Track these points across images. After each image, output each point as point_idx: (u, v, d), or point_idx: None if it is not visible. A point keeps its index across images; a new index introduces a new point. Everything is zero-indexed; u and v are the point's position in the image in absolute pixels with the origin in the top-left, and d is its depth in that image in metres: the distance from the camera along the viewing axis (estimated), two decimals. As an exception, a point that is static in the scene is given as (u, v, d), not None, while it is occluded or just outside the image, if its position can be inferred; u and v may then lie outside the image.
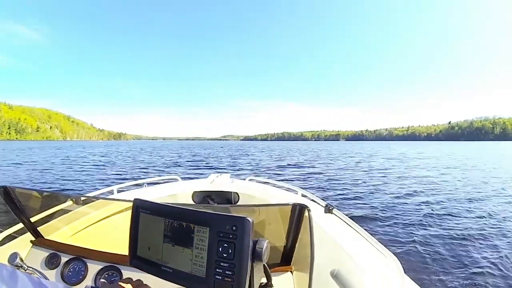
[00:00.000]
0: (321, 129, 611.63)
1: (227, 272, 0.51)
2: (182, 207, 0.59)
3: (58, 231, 1.36)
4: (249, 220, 0.51)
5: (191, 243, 0.55)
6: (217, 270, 0.51)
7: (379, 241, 1.16)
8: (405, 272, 0.99)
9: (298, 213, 0.97)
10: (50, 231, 1.31)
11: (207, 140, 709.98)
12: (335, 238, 1.36)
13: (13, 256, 0.90)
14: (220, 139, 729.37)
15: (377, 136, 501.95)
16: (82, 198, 1.40)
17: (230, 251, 0.51)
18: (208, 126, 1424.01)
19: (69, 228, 1.42)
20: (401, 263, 0.99)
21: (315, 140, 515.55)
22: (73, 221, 1.45)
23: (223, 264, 0.51)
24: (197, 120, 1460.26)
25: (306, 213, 0.94)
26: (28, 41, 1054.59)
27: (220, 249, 0.52)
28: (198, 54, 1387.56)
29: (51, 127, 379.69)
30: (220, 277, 0.51)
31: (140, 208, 0.63)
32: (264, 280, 0.68)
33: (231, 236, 0.51)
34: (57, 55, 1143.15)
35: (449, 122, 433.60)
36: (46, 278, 0.82)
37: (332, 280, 0.98)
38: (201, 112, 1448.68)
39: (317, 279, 1.00)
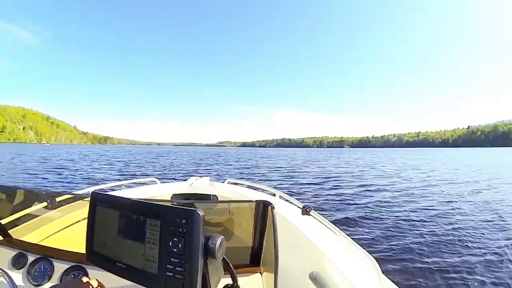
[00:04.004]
0: (323, 135, 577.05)
1: (177, 268, 0.49)
2: (136, 199, 0.58)
3: (31, 233, 1.34)
4: (199, 213, 0.50)
5: (143, 237, 0.53)
6: (168, 266, 0.50)
7: (356, 242, 1.16)
8: (382, 273, 1.00)
9: (262, 210, 0.96)
10: (21, 233, 1.29)
11: (203, 146, 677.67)
12: (313, 240, 1.35)
13: None
14: (216, 145, 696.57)
15: (385, 143, 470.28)
16: (57, 199, 1.38)
17: (180, 245, 0.49)
18: (205, 132, 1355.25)
19: (41, 231, 1.40)
20: (378, 263, 0.99)
21: (317, 147, 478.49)
22: (46, 223, 1.43)
23: (174, 260, 0.49)
24: (194, 126, 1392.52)
25: (270, 210, 0.92)
26: (21, 42, 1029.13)
27: (171, 243, 0.50)
28: (196, 59, 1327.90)
29: (24, 128, 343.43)
30: (171, 274, 0.49)
31: (97, 201, 0.61)
32: (229, 281, 0.67)
33: (180, 230, 0.50)
34: (53, 58, 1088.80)
35: (468, 127, 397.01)
36: (11, 278, 0.82)
37: (310, 282, 0.97)
38: (198, 117, 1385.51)
39: (295, 282, 1.01)
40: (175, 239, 0.50)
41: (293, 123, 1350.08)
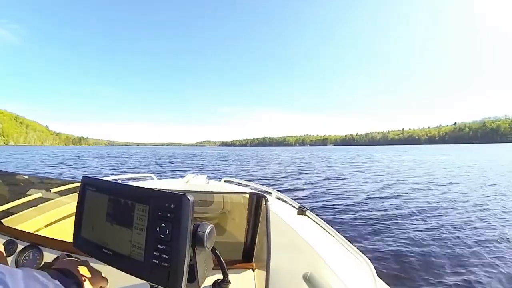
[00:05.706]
0: (305, 134, 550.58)
1: (164, 255, 0.46)
2: (124, 183, 0.56)
3: (23, 223, 1.33)
4: (188, 198, 0.47)
5: (131, 223, 0.51)
6: (155, 253, 0.47)
7: (352, 244, 1.14)
8: (377, 275, 0.98)
9: (256, 202, 0.93)
10: (14, 223, 1.28)
11: (183, 145, 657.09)
12: (308, 240, 1.32)
13: None
14: (196, 145, 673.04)
15: (370, 141, 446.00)
16: (53, 190, 1.38)
17: (167, 231, 0.47)
18: (185, 132, 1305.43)
19: (34, 221, 1.39)
20: (373, 266, 0.98)
21: (299, 146, 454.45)
22: (40, 214, 1.42)
23: (160, 247, 0.47)
24: (174, 126, 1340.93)
25: (264, 203, 0.89)
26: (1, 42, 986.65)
27: (158, 229, 0.48)
28: (175, 59, 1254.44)
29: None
30: (157, 261, 0.47)
31: (87, 185, 0.59)
32: (221, 276, 0.66)
33: (168, 215, 0.47)
34: (30, 57, 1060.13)
35: (455, 123, 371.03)
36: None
37: (304, 283, 0.95)
38: (178, 117, 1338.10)
39: (288, 282, 0.98)
40: (163, 224, 0.47)
41: (276, 123, 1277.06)
